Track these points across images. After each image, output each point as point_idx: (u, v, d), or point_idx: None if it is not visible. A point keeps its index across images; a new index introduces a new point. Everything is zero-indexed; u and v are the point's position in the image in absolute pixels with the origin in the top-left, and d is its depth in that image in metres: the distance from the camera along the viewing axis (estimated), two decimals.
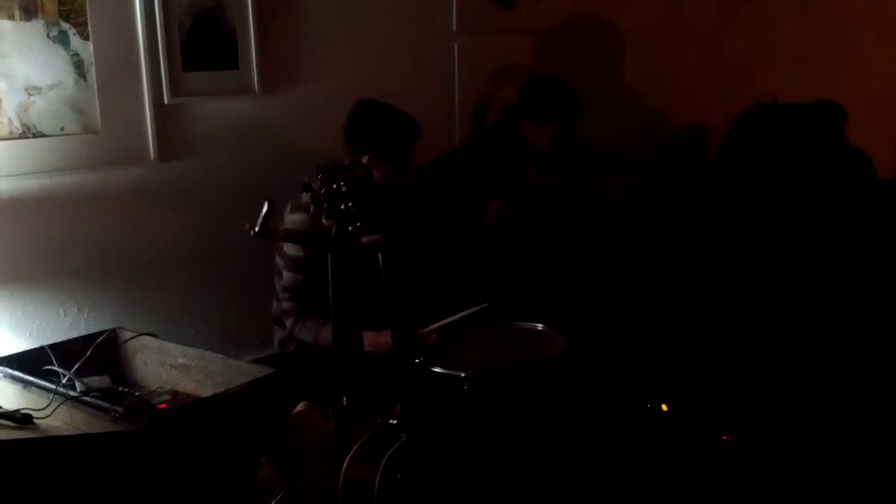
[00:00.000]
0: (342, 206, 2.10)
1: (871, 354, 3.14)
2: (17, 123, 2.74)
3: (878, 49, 5.26)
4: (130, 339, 2.71)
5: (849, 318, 3.22)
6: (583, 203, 3.67)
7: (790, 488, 2.72)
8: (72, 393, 2.32)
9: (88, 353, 2.54)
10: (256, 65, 3.15)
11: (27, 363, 2.51)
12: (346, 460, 2.11)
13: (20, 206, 2.78)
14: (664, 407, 2.96)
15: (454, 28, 3.74)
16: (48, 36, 2.76)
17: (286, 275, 2.87)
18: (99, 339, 2.65)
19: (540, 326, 2.82)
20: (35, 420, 2.21)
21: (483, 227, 3.28)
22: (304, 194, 2.35)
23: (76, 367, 2.44)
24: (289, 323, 2.88)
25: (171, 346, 2.66)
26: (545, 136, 3.36)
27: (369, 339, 2.57)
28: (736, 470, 2.79)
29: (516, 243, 3.31)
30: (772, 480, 2.75)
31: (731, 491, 2.73)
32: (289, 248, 2.84)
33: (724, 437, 2.89)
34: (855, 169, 3.55)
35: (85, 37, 2.82)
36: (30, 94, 2.75)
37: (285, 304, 2.89)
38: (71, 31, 2.80)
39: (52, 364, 2.47)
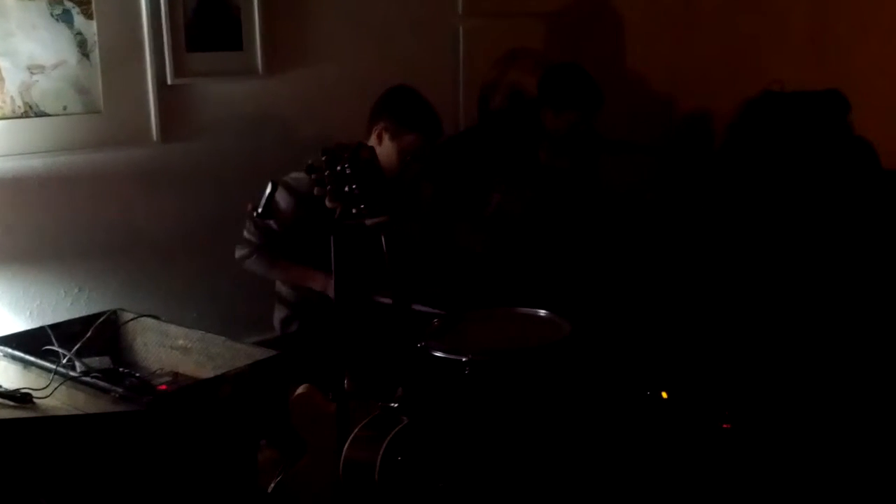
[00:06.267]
0: (346, 189, 2.09)
1: (873, 344, 3.12)
2: (19, 102, 2.72)
3: (889, 37, 5.22)
4: (131, 320, 2.70)
5: (850, 306, 3.21)
6: (600, 188, 3.66)
7: (790, 476, 2.71)
8: (72, 373, 2.31)
9: (89, 334, 2.53)
10: (260, 46, 3.14)
11: (27, 343, 2.50)
12: (348, 443, 2.11)
13: (22, 185, 2.77)
14: (664, 394, 2.95)
15: (460, 10, 3.72)
16: (52, 14, 2.75)
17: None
18: (100, 320, 2.64)
19: (543, 312, 2.80)
20: (35, 400, 2.21)
21: (483, 218, 3.26)
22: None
23: (76, 347, 2.43)
24: (241, 251, 2.84)
25: (172, 328, 2.65)
26: (562, 123, 3.35)
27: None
28: (735, 458, 2.79)
29: (516, 231, 3.29)
30: (771, 469, 2.75)
31: (731, 479, 2.73)
32: (282, 201, 2.78)
33: (724, 426, 2.88)
34: (858, 158, 3.53)
35: (89, 16, 2.81)
36: (32, 73, 2.74)
37: (246, 234, 2.83)
38: (74, 10, 2.78)
39: (53, 344, 2.46)
